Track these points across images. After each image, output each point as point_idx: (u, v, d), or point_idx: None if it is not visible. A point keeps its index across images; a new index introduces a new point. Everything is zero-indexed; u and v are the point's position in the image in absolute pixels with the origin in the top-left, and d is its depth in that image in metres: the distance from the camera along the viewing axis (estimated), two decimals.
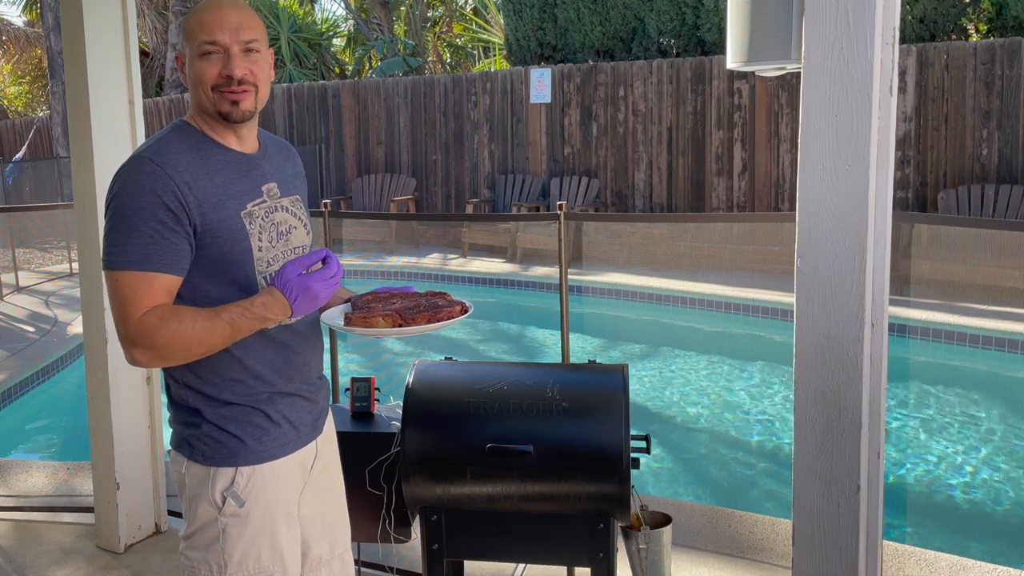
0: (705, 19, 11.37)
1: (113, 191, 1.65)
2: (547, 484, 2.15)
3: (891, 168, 1.84)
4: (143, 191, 1.61)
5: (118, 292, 1.61)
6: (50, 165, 16.65)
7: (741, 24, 2.08)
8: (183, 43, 1.74)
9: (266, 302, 1.64)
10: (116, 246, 1.61)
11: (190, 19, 1.72)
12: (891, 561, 3.09)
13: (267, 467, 1.75)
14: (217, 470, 1.72)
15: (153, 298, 1.61)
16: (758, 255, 9.48)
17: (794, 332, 1.92)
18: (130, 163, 1.66)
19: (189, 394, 1.74)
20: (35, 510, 3.76)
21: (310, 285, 1.63)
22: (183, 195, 1.63)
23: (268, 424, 1.75)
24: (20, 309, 8.54)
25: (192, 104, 1.76)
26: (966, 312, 7.22)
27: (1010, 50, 9.16)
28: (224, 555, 1.72)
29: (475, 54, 19.68)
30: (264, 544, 1.74)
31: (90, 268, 3.25)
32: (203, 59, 1.69)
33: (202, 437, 1.72)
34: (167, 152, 1.66)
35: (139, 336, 1.60)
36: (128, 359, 1.64)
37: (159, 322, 1.60)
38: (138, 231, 1.60)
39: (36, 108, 27.23)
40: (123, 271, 1.61)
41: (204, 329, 1.61)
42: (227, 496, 1.71)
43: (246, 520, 1.73)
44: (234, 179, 1.71)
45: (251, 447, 1.73)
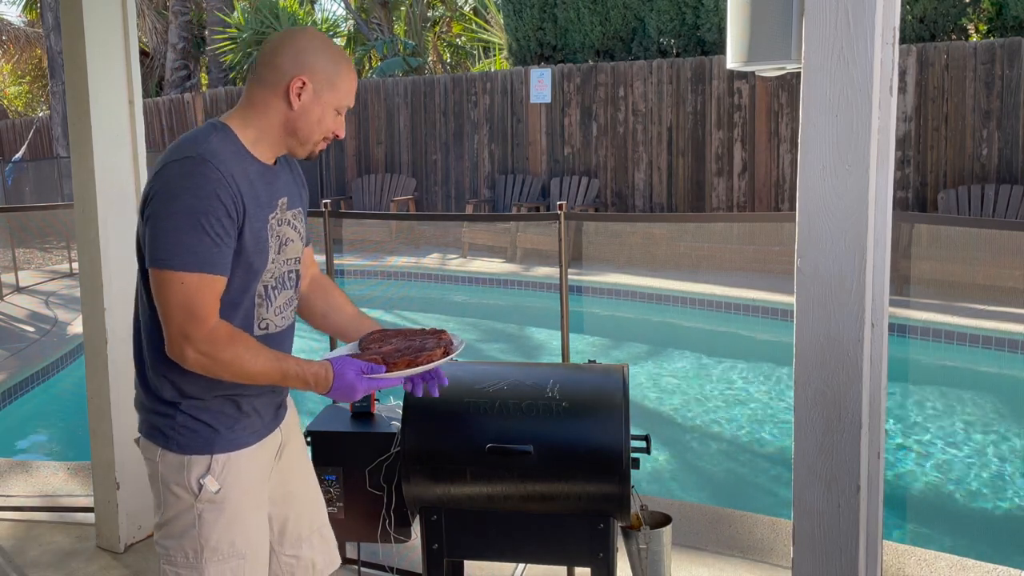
0: (705, 19, 11.36)
1: (169, 192, 1.65)
2: (547, 484, 2.15)
3: (891, 168, 1.84)
4: (208, 195, 1.64)
5: (183, 293, 1.64)
6: (50, 165, 16.65)
7: (741, 24, 2.08)
8: (322, 83, 1.76)
9: (318, 375, 1.73)
10: (181, 246, 1.63)
11: (340, 74, 1.78)
12: (891, 561, 3.09)
13: (240, 454, 1.81)
14: (192, 458, 1.77)
15: (214, 300, 1.67)
16: (758, 255, 9.48)
17: (794, 332, 1.92)
18: (189, 165, 1.65)
19: (165, 386, 1.77)
20: (35, 510, 3.76)
21: (356, 387, 1.74)
22: (237, 202, 1.68)
23: (238, 414, 1.81)
24: (20, 309, 8.54)
25: (261, 116, 1.76)
26: (966, 312, 7.22)
27: (1010, 50, 9.16)
28: (200, 541, 1.78)
29: (475, 54, 19.68)
30: (238, 529, 1.81)
31: (90, 268, 3.25)
32: (337, 116, 1.80)
33: (176, 427, 1.77)
34: (223, 158, 1.69)
35: (206, 343, 1.65)
36: (176, 354, 1.67)
37: (229, 340, 1.67)
38: (204, 233, 1.63)
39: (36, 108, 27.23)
40: (190, 272, 1.63)
41: (263, 366, 1.70)
42: (203, 483, 1.76)
43: (221, 506, 1.78)
44: (261, 191, 1.76)
45: (224, 435, 1.79)
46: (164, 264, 1.64)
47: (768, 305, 7.88)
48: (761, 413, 6.08)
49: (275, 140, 1.78)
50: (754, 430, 5.75)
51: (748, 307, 8.08)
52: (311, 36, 1.79)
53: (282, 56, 1.75)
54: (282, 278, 1.84)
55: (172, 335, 1.66)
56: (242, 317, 1.77)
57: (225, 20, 17.63)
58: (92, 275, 3.25)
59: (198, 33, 20.39)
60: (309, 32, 1.81)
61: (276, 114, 1.76)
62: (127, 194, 3.29)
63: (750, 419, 5.95)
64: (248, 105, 1.78)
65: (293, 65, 1.74)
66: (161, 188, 1.66)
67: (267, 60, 1.77)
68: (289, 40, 1.78)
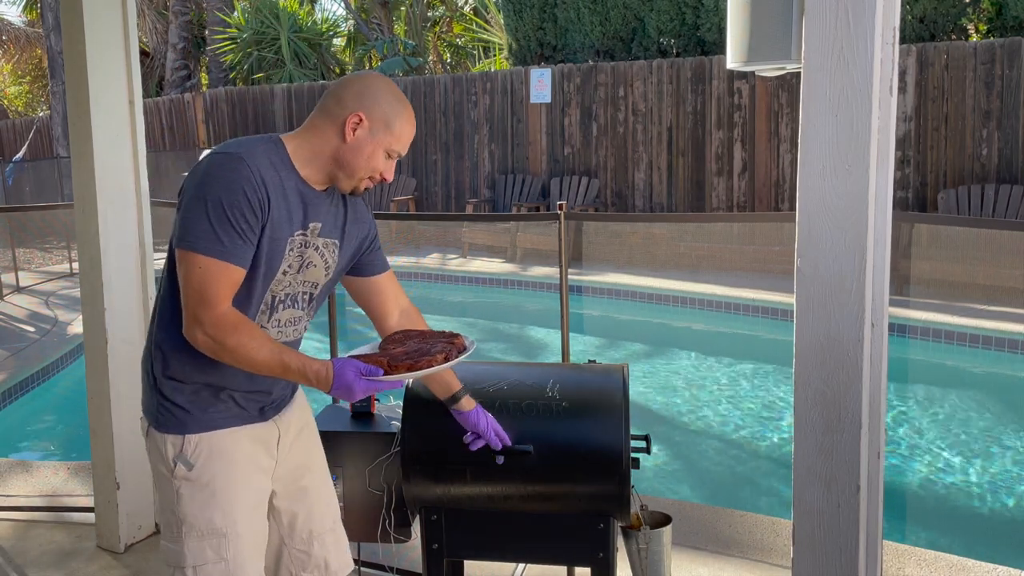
0: (705, 19, 11.36)
1: (205, 180, 1.74)
2: (547, 484, 2.15)
3: (891, 168, 1.84)
4: (237, 190, 1.72)
5: (200, 276, 1.73)
6: (50, 165, 16.65)
7: (741, 24, 2.08)
8: (379, 123, 1.84)
9: (319, 373, 1.77)
10: (206, 231, 1.72)
11: (399, 119, 1.86)
12: (891, 561, 3.09)
13: (215, 436, 1.88)
14: (169, 436, 1.87)
15: (228, 288, 1.75)
16: (758, 255, 9.48)
17: (794, 332, 1.92)
18: (226, 159, 1.75)
19: (156, 362, 1.88)
20: (35, 510, 3.76)
21: (354, 388, 1.76)
22: (264, 204, 1.76)
23: (214, 400, 1.88)
24: (20, 309, 8.54)
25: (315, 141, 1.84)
26: (966, 312, 7.22)
27: (1010, 50, 9.16)
28: (179, 515, 1.87)
29: (475, 54, 19.68)
30: (216, 508, 1.87)
31: (90, 268, 3.25)
32: (387, 159, 1.88)
33: (158, 407, 1.88)
34: (260, 162, 1.78)
35: (214, 327, 1.73)
36: (189, 336, 1.76)
37: (235, 328, 1.74)
38: (229, 225, 1.72)
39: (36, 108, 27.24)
40: (210, 257, 1.72)
41: (266, 357, 1.76)
42: (177, 461, 1.86)
43: (196, 484, 1.86)
44: (295, 208, 1.83)
45: (196, 417, 1.87)
46: (188, 245, 1.73)
47: (768, 305, 7.88)
48: (761, 413, 6.08)
49: (323, 167, 1.86)
50: (754, 430, 5.75)
51: (748, 307, 8.07)
52: (380, 79, 1.89)
53: (348, 91, 1.84)
54: (295, 296, 1.91)
55: (187, 316, 1.75)
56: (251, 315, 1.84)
57: (225, 20, 17.63)
58: (92, 275, 3.25)
59: (198, 33, 20.39)
60: (379, 76, 1.92)
61: (329, 143, 1.84)
62: (127, 194, 3.29)
63: (750, 419, 5.95)
64: (307, 129, 1.87)
65: (355, 101, 1.83)
66: (200, 175, 1.76)
67: (334, 92, 1.86)
68: (359, 78, 1.88)
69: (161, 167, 14.81)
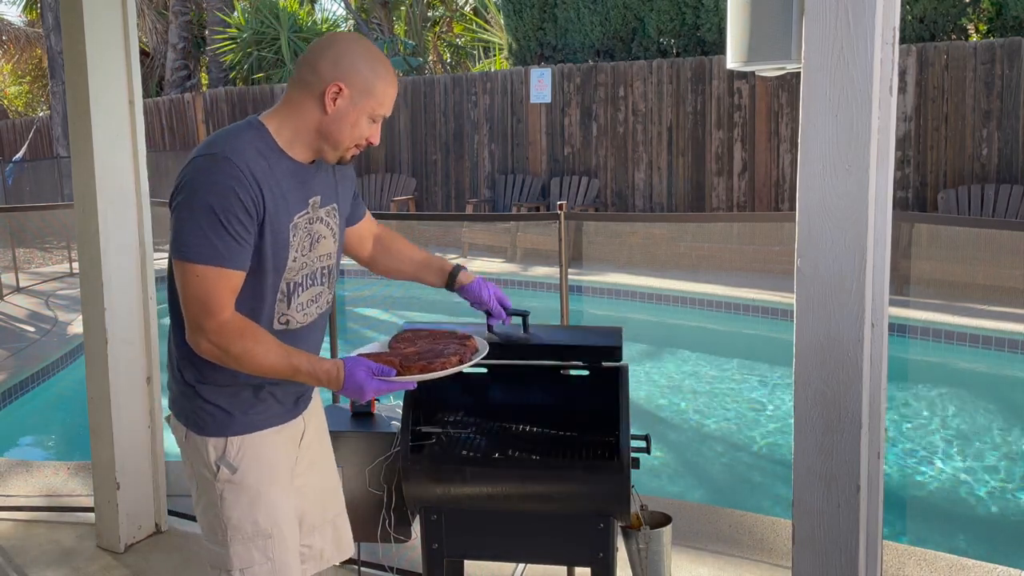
0: (705, 19, 11.36)
1: (193, 187, 1.70)
2: (547, 484, 2.15)
3: (891, 168, 1.84)
4: (227, 192, 1.68)
5: (199, 285, 1.69)
6: (50, 165, 16.65)
7: (741, 24, 2.08)
8: (359, 89, 1.77)
9: (330, 373, 1.77)
10: (200, 239, 1.68)
11: (379, 81, 1.79)
12: (891, 561, 3.09)
13: (256, 437, 1.86)
14: (210, 439, 1.84)
15: (229, 294, 1.72)
16: (758, 255, 9.48)
17: (794, 332, 1.92)
18: (211, 162, 1.70)
19: (187, 369, 1.85)
20: (35, 510, 3.76)
21: (365, 388, 1.77)
22: (258, 200, 1.72)
23: (254, 400, 1.86)
24: (20, 309, 8.54)
25: (296, 117, 1.78)
26: (966, 312, 7.22)
27: (1010, 50, 9.16)
28: (223, 519, 1.85)
29: (475, 54, 19.68)
30: (260, 508, 1.85)
31: (90, 268, 3.25)
32: (372, 124, 1.82)
33: (196, 410, 1.85)
34: (247, 157, 1.72)
35: (218, 335, 1.71)
36: (191, 342, 1.74)
37: (239, 334, 1.72)
38: (223, 229, 1.68)
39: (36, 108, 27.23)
40: (206, 265, 1.69)
41: (273, 361, 1.74)
42: (220, 464, 1.83)
43: (240, 486, 1.84)
44: (290, 190, 1.79)
45: (238, 419, 1.85)
46: (183, 255, 1.70)
47: (768, 305, 7.87)
48: (761, 413, 6.08)
49: (309, 142, 1.81)
50: (754, 430, 5.75)
51: (748, 307, 8.07)
52: (353, 41, 1.81)
53: (322, 60, 1.77)
54: (312, 275, 1.88)
55: (189, 324, 1.73)
56: (266, 312, 1.82)
57: (225, 20, 17.63)
58: (92, 275, 3.25)
59: (198, 33, 20.39)
60: (351, 37, 1.84)
61: (311, 117, 1.78)
62: (127, 194, 3.29)
63: (750, 419, 5.95)
64: (286, 104, 1.81)
65: (332, 70, 1.76)
66: (186, 182, 1.71)
67: (308, 62, 1.79)
68: (330, 44, 1.79)
69: (161, 167, 14.80)
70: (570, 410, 2.33)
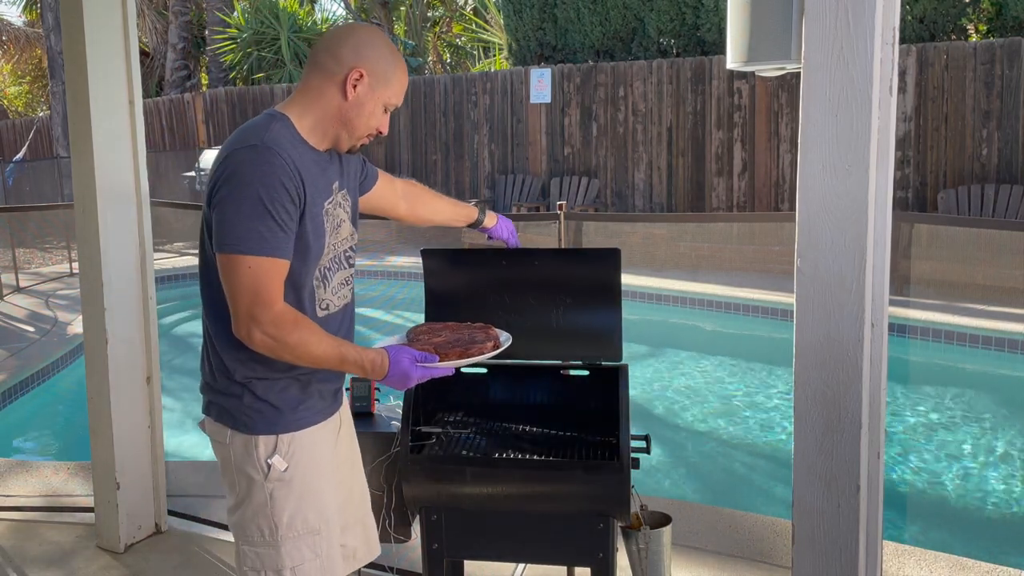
0: (705, 19, 11.36)
1: (239, 179, 1.69)
2: (547, 484, 2.15)
3: (891, 168, 1.84)
4: (275, 183, 1.68)
5: (252, 276, 1.68)
6: (50, 165, 16.64)
7: (741, 24, 2.08)
8: (378, 77, 1.80)
9: (375, 362, 1.78)
10: (250, 231, 1.67)
11: (396, 72, 1.83)
12: (891, 561, 3.09)
13: (304, 433, 1.85)
14: (260, 438, 1.82)
15: (280, 284, 1.72)
16: (758, 255, 9.48)
17: (794, 332, 1.92)
18: (255, 154, 1.70)
19: (237, 366, 1.81)
20: (35, 510, 3.76)
21: (411, 375, 1.79)
22: (300, 189, 1.73)
23: (302, 395, 1.86)
24: (20, 309, 8.53)
25: (316, 105, 1.80)
26: (966, 312, 7.22)
27: (1010, 50, 9.16)
28: (274, 518, 1.83)
29: (475, 54, 19.68)
30: (310, 505, 1.85)
31: (90, 268, 3.25)
32: (385, 113, 1.85)
33: (244, 408, 1.82)
34: (285, 146, 1.73)
35: (274, 326, 1.70)
36: (243, 335, 1.72)
37: (294, 324, 1.72)
38: (271, 219, 1.68)
39: (36, 108, 27.23)
40: (258, 256, 1.68)
41: (324, 350, 1.75)
42: (271, 462, 1.81)
43: (290, 484, 1.83)
44: (318, 177, 1.81)
45: (288, 415, 1.83)
46: (233, 248, 1.68)
47: (768, 305, 7.87)
48: (761, 413, 6.08)
49: (327, 130, 1.82)
50: (754, 430, 5.75)
51: (748, 307, 8.07)
52: (372, 31, 1.85)
53: (344, 47, 1.79)
54: (338, 258, 1.90)
55: (240, 317, 1.71)
56: (308, 299, 1.82)
57: (225, 20, 17.63)
58: (92, 275, 3.25)
59: (198, 33, 20.39)
60: (370, 27, 1.87)
61: (330, 103, 1.79)
62: (127, 194, 3.29)
63: (750, 419, 5.95)
64: (304, 93, 1.82)
65: (353, 56, 1.78)
66: (230, 175, 1.70)
67: (327, 49, 1.81)
68: (351, 32, 1.83)
69: (161, 167, 14.81)
70: (570, 410, 2.33)
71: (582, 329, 2.25)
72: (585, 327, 2.24)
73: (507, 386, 2.39)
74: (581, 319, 2.24)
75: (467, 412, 2.35)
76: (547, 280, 2.26)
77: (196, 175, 13.64)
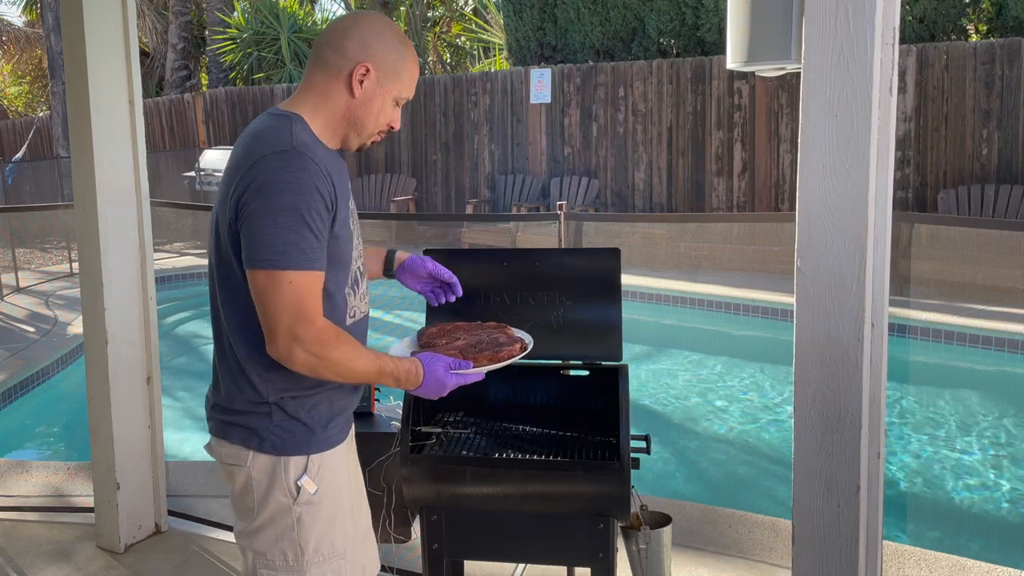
0: (705, 19, 11.37)
1: (273, 188, 1.57)
2: (547, 484, 2.15)
3: (891, 168, 1.84)
4: (309, 189, 1.57)
5: (293, 292, 1.57)
6: (50, 165, 16.64)
7: (741, 24, 2.08)
8: (386, 71, 1.70)
9: (410, 372, 1.71)
10: (288, 244, 1.56)
11: (406, 63, 1.72)
12: (891, 561, 3.09)
13: (332, 453, 1.76)
14: (289, 459, 1.71)
15: (319, 297, 1.62)
16: (758, 255, 9.48)
17: (794, 332, 1.92)
18: (287, 159, 1.58)
19: (266, 385, 1.69)
20: (35, 510, 3.76)
21: (446, 383, 1.73)
22: (332, 193, 1.63)
23: (331, 412, 1.76)
24: (20, 309, 8.54)
25: (324, 104, 1.70)
26: (966, 312, 7.22)
27: (1010, 50, 9.16)
28: (300, 543, 1.72)
29: (475, 54, 19.68)
30: (337, 528, 1.76)
31: (90, 268, 3.25)
32: (395, 108, 1.75)
33: (273, 428, 1.70)
34: (313, 149, 1.63)
35: (317, 344, 1.59)
36: (282, 354, 1.60)
37: (337, 340, 1.62)
38: (308, 229, 1.57)
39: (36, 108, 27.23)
40: (298, 271, 1.57)
41: (365, 366, 1.66)
42: (300, 484, 1.70)
43: (319, 507, 1.73)
44: (341, 179, 1.71)
45: (319, 434, 1.73)
46: (271, 264, 1.56)
47: (768, 305, 7.88)
48: (761, 413, 6.08)
49: (337, 129, 1.72)
50: (754, 430, 5.76)
51: (748, 307, 8.08)
52: (378, 21, 1.73)
53: (349, 40, 1.68)
54: (360, 265, 1.82)
55: (280, 336, 1.59)
56: (339, 308, 1.73)
57: (225, 20, 17.63)
58: (92, 275, 3.25)
59: (198, 33, 20.40)
60: (376, 17, 1.74)
61: (338, 102, 1.70)
62: (127, 194, 3.29)
63: (750, 419, 5.95)
64: (310, 91, 1.71)
65: (358, 50, 1.68)
66: (262, 183, 1.57)
67: (331, 43, 1.70)
68: (355, 25, 1.71)
69: (161, 167, 14.81)
70: (570, 410, 2.33)
71: (582, 329, 2.24)
72: (585, 327, 2.24)
73: (507, 386, 2.39)
74: (581, 319, 2.24)
75: (467, 412, 2.35)
76: (547, 280, 2.25)
77: (196, 175, 13.64)
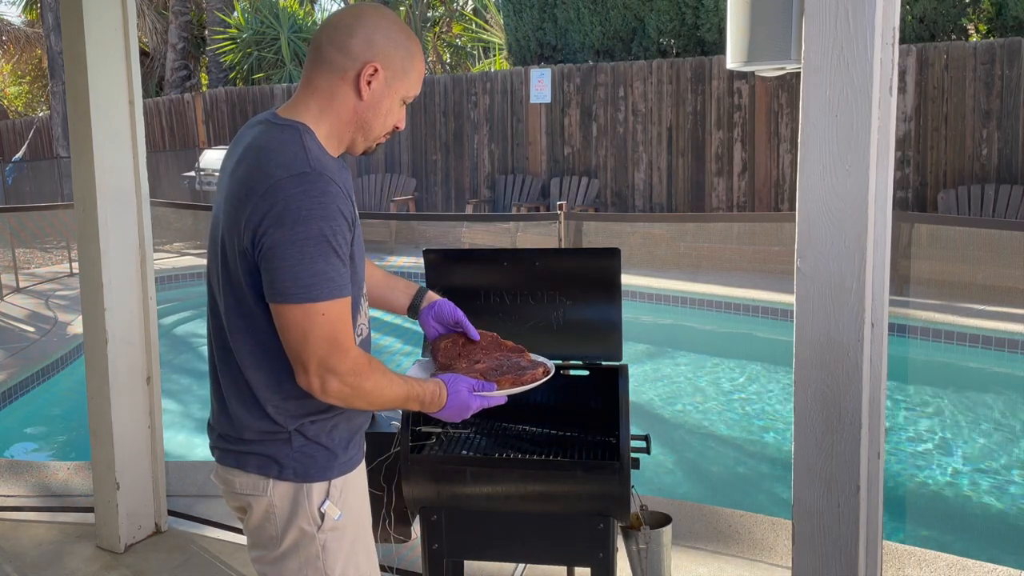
0: (705, 19, 11.37)
1: (297, 215, 1.46)
2: (547, 484, 2.15)
3: (891, 168, 1.84)
4: (334, 214, 1.49)
5: (327, 324, 1.49)
6: (50, 165, 16.65)
7: (741, 24, 2.08)
8: (395, 70, 1.60)
9: (434, 395, 1.67)
10: (319, 275, 1.48)
11: (413, 61, 1.63)
12: (891, 561, 3.09)
13: (352, 476, 1.71)
14: (312, 485, 1.64)
15: (350, 324, 1.55)
16: (758, 255, 9.48)
17: (794, 332, 1.92)
18: (307, 182, 1.48)
19: (284, 414, 1.62)
20: (35, 510, 3.76)
21: (470, 405, 1.70)
22: (351, 212, 1.56)
23: (349, 433, 1.71)
24: (20, 309, 8.54)
25: (330, 108, 1.59)
26: (966, 312, 7.22)
27: (1010, 50, 9.16)
28: (326, 570, 1.66)
29: (475, 54, 19.68)
30: (361, 551, 1.72)
31: (90, 268, 3.25)
32: (402, 107, 1.66)
33: (293, 454, 1.63)
34: (328, 165, 1.54)
35: (353, 375, 1.53)
36: (315, 387, 1.53)
37: (370, 368, 1.56)
38: (335, 256, 1.50)
39: (36, 108, 27.23)
40: (329, 301, 1.49)
41: (395, 392, 1.61)
42: (324, 511, 1.64)
43: (343, 531, 1.68)
44: (350, 192, 1.62)
45: (340, 458, 1.68)
46: (302, 297, 1.48)
47: (768, 305, 7.88)
48: (761, 413, 6.08)
49: (343, 135, 1.62)
50: (754, 430, 5.76)
51: (748, 307, 8.08)
52: (383, 16, 1.61)
53: (354, 39, 1.57)
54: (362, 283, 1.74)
55: (311, 368, 1.51)
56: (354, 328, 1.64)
57: (225, 20, 17.64)
58: (92, 275, 3.25)
59: (198, 33, 20.40)
60: (380, 11, 1.62)
61: (344, 105, 1.59)
62: (127, 194, 3.29)
63: (750, 419, 5.95)
64: (312, 94, 1.59)
65: (365, 48, 1.56)
66: (282, 211, 1.46)
67: (335, 41, 1.58)
68: (359, 21, 1.58)
69: (161, 167, 14.82)
70: (570, 410, 2.33)
71: (582, 329, 2.24)
72: (585, 327, 2.24)
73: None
74: (581, 319, 2.24)
75: None
76: (547, 280, 2.25)
77: (196, 175, 13.64)
